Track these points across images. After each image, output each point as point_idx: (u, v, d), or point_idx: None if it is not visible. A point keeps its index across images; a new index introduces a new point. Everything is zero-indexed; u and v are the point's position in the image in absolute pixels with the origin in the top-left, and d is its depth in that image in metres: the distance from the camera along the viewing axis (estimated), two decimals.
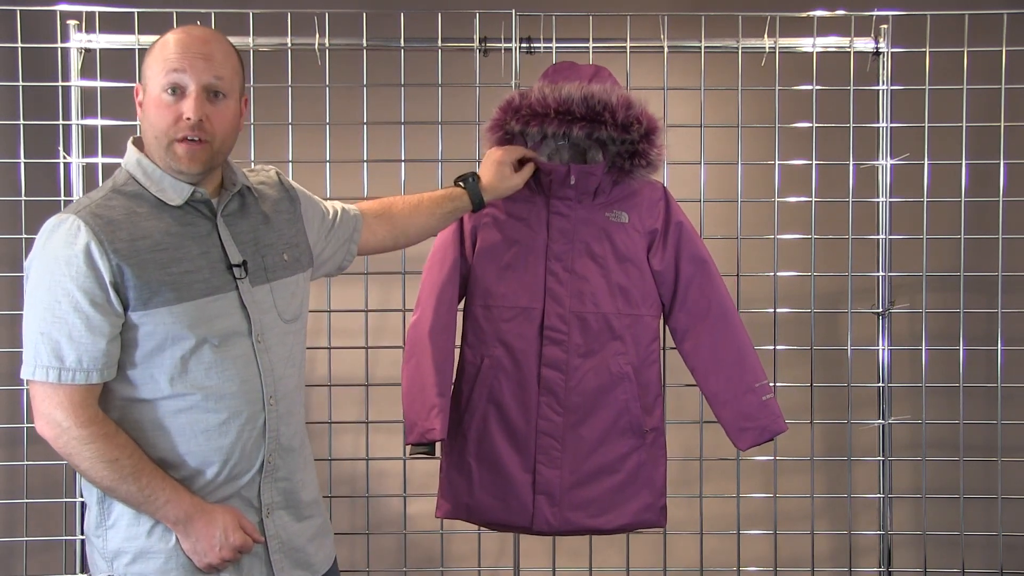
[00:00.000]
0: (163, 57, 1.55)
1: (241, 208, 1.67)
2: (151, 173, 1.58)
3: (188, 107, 1.54)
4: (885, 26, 2.53)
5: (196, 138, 1.54)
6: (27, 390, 2.54)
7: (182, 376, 1.54)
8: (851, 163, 2.60)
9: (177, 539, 1.55)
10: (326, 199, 1.95)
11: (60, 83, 2.53)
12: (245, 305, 1.59)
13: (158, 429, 1.55)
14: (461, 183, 2.04)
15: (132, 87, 2.47)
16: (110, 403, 1.55)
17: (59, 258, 1.49)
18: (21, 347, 2.52)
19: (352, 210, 1.94)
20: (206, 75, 1.55)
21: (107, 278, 1.49)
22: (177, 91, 1.54)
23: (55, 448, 1.52)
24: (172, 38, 1.57)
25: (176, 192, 1.58)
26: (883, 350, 2.60)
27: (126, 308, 1.51)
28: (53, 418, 1.50)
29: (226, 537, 1.55)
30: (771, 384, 2.20)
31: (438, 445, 2.20)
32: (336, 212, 1.91)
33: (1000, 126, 2.59)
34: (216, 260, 1.59)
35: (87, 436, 1.49)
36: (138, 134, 1.65)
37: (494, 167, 2.06)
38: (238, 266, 1.60)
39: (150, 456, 1.55)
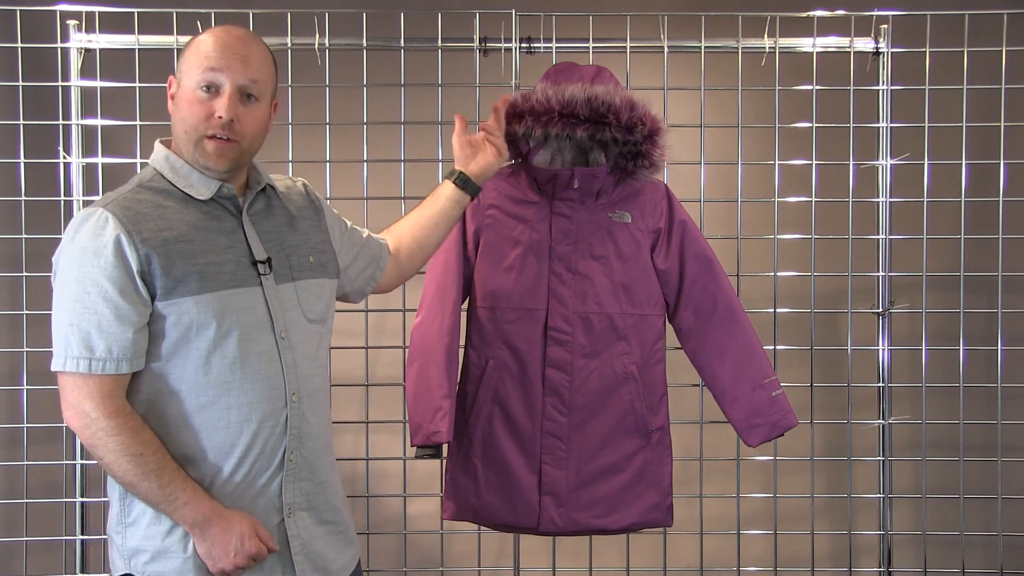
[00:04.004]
0: (202, 54, 1.57)
1: (267, 208, 1.69)
2: (179, 168, 1.60)
3: (221, 106, 1.56)
4: (885, 26, 2.53)
5: (225, 137, 1.57)
6: (25, 390, 2.57)
7: (206, 369, 1.55)
8: (851, 163, 2.60)
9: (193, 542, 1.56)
10: (328, 199, 1.95)
11: (60, 83, 2.53)
12: (268, 301, 1.61)
13: (181, 423, 1.56)
14: (448, 178, 2.02)
15: (132, 87, 2.52)
16: (136, 397, 1.55)
17: (87, 249, 1.50)
18: (22, 347, 2.55)
19: (380, 240, 1.95)
20: (242, 76, 1.58)
21: (135, 267, 1.50)
22: (212, 89, 1.57)
23: (82, 440, 1.53)
24: (211, 37, 1.59)
25: (204, 186, 1.60)
26: (883, 350, 2.60)
27: (153, 298, 1.52)
28: (82, 409, 1.50)
29: (241, 544, 1.55)
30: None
31: (444, 447, 2.21)
32: (360, 232, 1.91)
33: (1000, 126, 2.59)
34: (241, 255, 1.60)
35: (114, 427, 1.50)
36: (153, 132, 1.66)
37: (456, 146, 2.02)
38: (262, 262, 1.61)
39: (173, 451, 1.55)
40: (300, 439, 1.64)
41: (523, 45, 2.52)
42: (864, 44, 2.55)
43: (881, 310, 2.59)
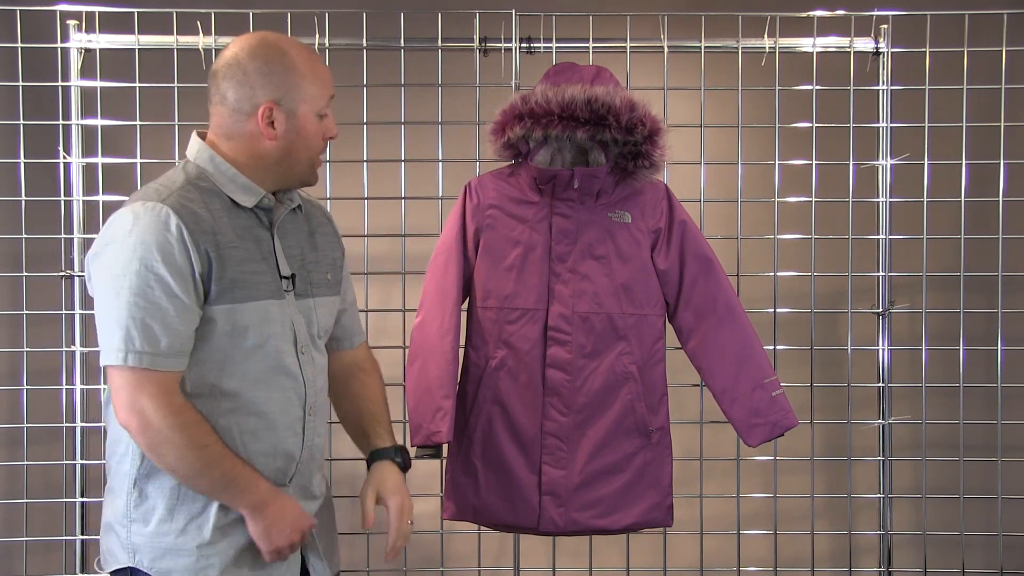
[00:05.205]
0: (322, 80, 1.62)
1: (292, 223, 1.70)
2: (226, 171, 1.59)
3: (335, 128, 1.66)
4: (885, 26, 2.53)
5: None
6: (25, 390, 2.56)
7: (233, 377, 1.55)
8: (851, 163, 2.60)
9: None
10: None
11: (60, 83, 2.53)
12: (291, 316, 1.62)
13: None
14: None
15: (132, 87, 2.51)
16: None
17: (150, 244, 1.47)
18: (22, 347, 2.55)
19: (360, 331, 1.89)
20: None
21: (197, 268, 1.50)
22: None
23: (139, 441, 1.50)
24: (318, 60, 1.64)
25: (249, 194, 1.60)
26: (883, 350, 2.60)
27: (205, 299, 1.52)
28: (140, 407, 1.47)
29: (296, 522, 1.58)
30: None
31: (444, 447, 2.20)
32: (354, 301, 1.86)
33: (1000, 126, 2.59)
34: (273, 267, 1.61)
35: (179, 424, 1.48)
36: (195, 139, 1.64)
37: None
38: (287, 278, 1.63)
39: None
40: (311, 450, 1.67)
41: (523, 45, 2.52)
42: (864, 44, 2.55)
43: (881, 310, 2.59)
